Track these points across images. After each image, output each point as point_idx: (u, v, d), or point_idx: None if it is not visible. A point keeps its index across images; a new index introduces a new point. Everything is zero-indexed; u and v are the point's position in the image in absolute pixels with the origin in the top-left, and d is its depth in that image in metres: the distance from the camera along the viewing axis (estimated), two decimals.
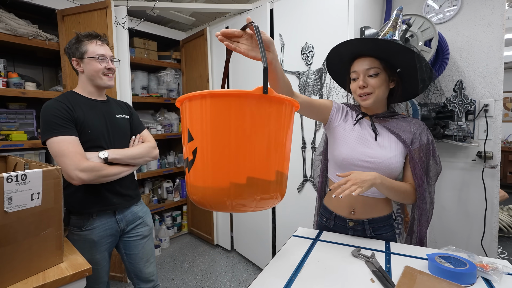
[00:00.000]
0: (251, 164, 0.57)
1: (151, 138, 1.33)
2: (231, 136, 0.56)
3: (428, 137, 0.97)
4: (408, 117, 1.03)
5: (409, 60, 0.93)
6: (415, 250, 0.89)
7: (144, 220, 1.30)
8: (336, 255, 0.87)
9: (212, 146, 0.57)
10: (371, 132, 1.00)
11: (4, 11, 1.82)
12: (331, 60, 1.08)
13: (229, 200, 0.58)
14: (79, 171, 1.02)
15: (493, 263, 0.74)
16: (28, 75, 2.10)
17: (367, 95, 0.96)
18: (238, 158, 0.57)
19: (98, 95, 1.22)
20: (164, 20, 2.66)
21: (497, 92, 1.44)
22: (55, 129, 1.05)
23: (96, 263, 1.17)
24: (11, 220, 0.80)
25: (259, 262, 2.24)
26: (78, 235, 1.14)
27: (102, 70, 1.15)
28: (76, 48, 1.14)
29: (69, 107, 1.09)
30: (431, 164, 0.98)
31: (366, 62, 0.96)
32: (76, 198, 1.13)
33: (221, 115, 0.56)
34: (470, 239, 1.53)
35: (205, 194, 0.59)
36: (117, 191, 1.19)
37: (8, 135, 1.87)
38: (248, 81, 2.18)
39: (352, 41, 0.95)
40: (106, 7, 1.87)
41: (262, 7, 2.01)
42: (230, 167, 0.57)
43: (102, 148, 1.14)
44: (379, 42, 0.92)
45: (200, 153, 0.58)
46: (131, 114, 1.33)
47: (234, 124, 0.56)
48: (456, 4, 1.53)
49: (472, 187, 1.52)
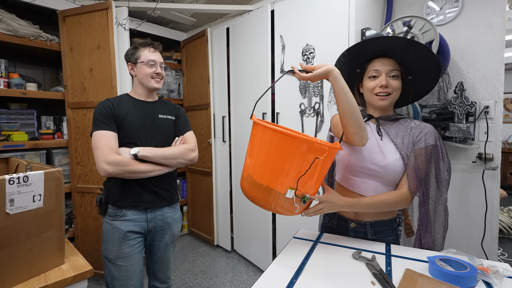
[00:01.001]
0: (294, 184, 0.82)
1: (193, 141, 1.32)
2: (291, 164, 0.81)
3: (437, 141, 0.94)
4: (416, 120, 1.01)
5: (430, 72, 0.95)
6: (416, 253, 0.89)
7: (170, 228, 1.30)
8: (337, 257, 0.87)
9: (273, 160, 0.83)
10: (376, 135, 1.00)
11: (6, 12, 1.82)
12: (352, 54, 1.04)
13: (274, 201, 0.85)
14: (106, 164, 1.08)
15: (494, 266, 0.74)
16: (29, 76, 2.10)
17: (386, 95, 0.96)
18: (289, 178, 0.82)
19: (147, 96, 1.29)
20: (165, 20, 2.66)
21: (497, 94, 1.44)
22: (97, 124, 1.15)
23: (124, 258, 1.18)
24: (13, 221, 0.80)
25: (259, 263, 2.24)
26: (110, 223, 1.20)
27: (151, 74, 1.23)
28: (132, 54, 1.24)
29: (113, 105, 1.19)
30: (442, 168, 0.94)
31: (390, 63, 0.96)
32: (114, 191, 1.20)
33: (287, 148, 0.80)
34: (470, 241, 1.53)
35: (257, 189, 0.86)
36: (149, 188, 1.21)
37: (9, 136, 1.87)
38: (248, 82, 2.19)
39: (387, 38, 0.95)
40: (107, 8, 1.87)
41: (263, 8, 2.01)
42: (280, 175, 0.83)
43: (137, 145, 1.17)
44: (414, 43, 0.92)
45: (263, 159, 0.86)
46: (178, 116, 1.35)
47: (296, 157, 0.80)
48: (457, 6, 1.53)
49: (472, 188, 1.52)
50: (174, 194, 1.32)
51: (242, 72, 2.26)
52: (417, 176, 0.92)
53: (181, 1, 2.35)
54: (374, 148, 0.98)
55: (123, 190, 1.19)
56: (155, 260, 1.33)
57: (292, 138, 0.78)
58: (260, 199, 0.87)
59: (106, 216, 1.22)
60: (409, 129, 0.98)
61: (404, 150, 0.95)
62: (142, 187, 1.20)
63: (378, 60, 0.97)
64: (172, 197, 1.30)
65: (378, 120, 1.02)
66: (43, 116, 2.13)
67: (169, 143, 1.28)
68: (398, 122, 1.01)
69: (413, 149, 0.95)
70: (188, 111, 2.82)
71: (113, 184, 1.20)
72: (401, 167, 0.95)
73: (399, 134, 0.97)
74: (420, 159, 0.94)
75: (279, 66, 1.93)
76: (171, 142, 1.29)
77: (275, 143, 0.81)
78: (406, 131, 0.97)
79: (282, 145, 0.80)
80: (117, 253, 1.17)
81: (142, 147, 1.17)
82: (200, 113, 2.65)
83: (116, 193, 1.19)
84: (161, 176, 1.22)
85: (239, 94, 2.31)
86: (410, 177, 0.93)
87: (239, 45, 2.26)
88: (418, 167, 0.93)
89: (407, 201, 0.94)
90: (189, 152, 1.26)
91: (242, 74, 2.26)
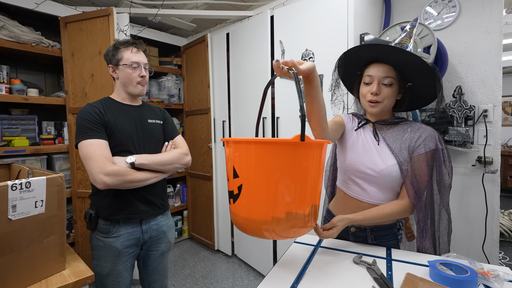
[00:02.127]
0: (290, 201, 0.67)
1: (184, 144, 1.29)
2: (272, 177, 0.66)
3: (438, 145, 0.92)
4: (416, 124, 0.98)
5: (426, 79, 0.92)
6: (417, 257, 0.89)
7: (166, 236, 1.26)
8: (337, 262, 0.88)
9: (255, 185, 0.67)
10: (373, 139, 0.99)
11: (8, 19, 1.84)
12: (349, 57, 1.02)
13: (268, 230, 0.68)
14: (104, 175, 1.00)
15: (495, 270, 0.74)
16: (31, 81, 2.12)
17: (376, 103, 0.95)
18: (277, 195, 0.66)
19: (132, 100, 1.22)
20: (165, 26, 2.69)
21: (496, 97, 1.45)
22: (85, 133, 1.05)
23: (117, 274, 1.14)
24: (15, 227, 0.80)
25: (260, 268, 2.24)
26: (103, 241, 1.12)
27: (136, 78, 1.15)
28: (113, 55, 1.15)
29: (100, 111, 1.10)
30: (444, 172, 0.92)
31: (384, 70, 0.93)
32: (104, 204, 1.12)
33: (263, 159, 0.66)
34: (471, 244, 1.53)
35: (248, 223, 0.70)
36: (145, 198, 1.16)
37: (10, 141, 1.88)
38: (248, 86, 2.20)
39: (379, 46, 0.92)
40: (108, 14, 1.90)
41: (262, 14, 2.04)
42: (271, 203, 0.66)
43: (130, 153, 1.11)
44: (408, 54, 0.88)
45: (245, 190, 0.68)
46: (165, 119, 1.30)
47: (275, 167, 0.65)
48: (454, 11, 1.55)
49: (472, 192, 1.52)
50: (166, 201, 1.29)
51: (242, 77, 2.27)
52: (414, 186, 0.91)
53: (182, 7, 2.37)
54: (370, 152, 0.98)
55: (115, 202, 1.11)
56: (151, 270, 1.27)
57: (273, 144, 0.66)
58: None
59: (96, 232, 1.14)
60: (407, 133, 0.96)
61: (401, 155, 0.93)
62: (137, 197, 1.14)
63: (373, 66, 0.96)
64: (165, 205, 1.27)
65: (374, 125, 1.01)
66: (44, 121, 2.14)
67: (159, 149, 1.23)
68: (397, 126, 0.99)
69: (412, 155, 0.93)
70: (188, 116, 2.83)
71: (103, 197, 1.11)
72: (398, 173, 0.93)
73: (397, 139, 0.96)
74: (419, 166, 0.91)
75: None
76: (161, 147, 1.24)
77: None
78: (404, 135, 0.96)
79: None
80: (110, 269, 1.13)
81: (137, 154, 1.11)
82: (201, 118, 2.66)
83: (107, 206, 1.11)
84: (154, 184, 1.16)
85: (239, 98, 2.32)
86: (409, 187, 0.91)
87: (239, 50, 2.28)
88: (418, 175, 0.91)
89: (410, 210, 0.94)
90: (184, 156, 1.23)
91: (242, 79, 2.28)
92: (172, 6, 2.32)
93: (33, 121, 2.07)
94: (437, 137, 0.93)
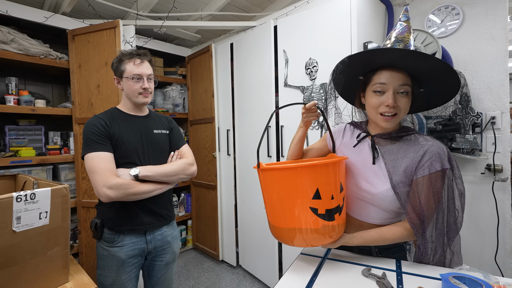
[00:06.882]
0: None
1: (190, 154, 1.27)
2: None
3: (444, 164, 0.80)
4: (422, 138, 0.85)
5: (443, 85, 0.83)
6: (428, 270, 0.86)
7: (171, 246, 1.26)
8: (346, 274, 0.85)
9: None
10: (370, 158, 0.89)
11: (18, 32, 1.89)
12: (354, 63, 0.88)
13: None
14: (107, 188, 1.00)
15: (510, 284, 0.71)
16: (39, 92, 2.15)
17: (392, 116, 0.82)
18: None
19: (138, 110, 1.22)
20: (170, 37, 2.73)
21: (503, 104, 1.43)
22: (90, 146, 1.06)
23: (121, 285, 1.13)
24: (19, 239, 0.80)
25: (265, 279, 2.19)
26: (107, 250, 1.12)
27: (138, 90, 1.15)
28: (117, 68, 1.17)
29: (106, 123, 1.10)
30: (455, 194, 0.81)
31: (400, 77, 0.80)
32: (109, 215, 1.12)
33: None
34: (483, 256, 1.49)
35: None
36: (149, 209, 1.15)
37: (17, 151, 1.90)
38: (252, 96, 2.21)
39: (400, 51, 0.78)
40: (115, 26, 1.93)
41: (266, 24, 2.06)
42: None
43: (135, 165, 1.11)
44: (432, 59, 0.77)
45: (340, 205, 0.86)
46: (171, 129, 1.29)
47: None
48: (458, 18, 1.55)
49: (482, 201, 1.49)
50: (172, 211, 1.28)
51: (246, 86, 2.28)
52: (417, 211, 0.81)
53: (186, 18, 2.41)
54: (367, 173, 0.90)
55: (120, 213, 1.11)
56: (155, 281, 1.26)
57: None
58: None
59: (102, 240, 1.14)
60: (410, 151, 0.84)
61: (398, 177, 0.83)
62: (141, 208, 1.13)
63: (386, 72, 0.82)
64: (170, 215, 1.26)
65: (373, 139, 0.90)
66: (50, 131, 2.17)
67: (165, 159, 1.23)
68: (401, 140, 0.88)
69: (415, 176, 0.82)
70: (193, 125, 2.84)
71: (108, 208, 1.12)
72: (394, 197, 0.85)
73: (398, 157, 0.85)
74: (422, 189, 0.81)
75: (282, 80, 1.95)
76: (167, 157, 1.24)
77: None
78: (407, 153, 0.84)
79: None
80: (114, 279, 1.12)
81: (142, 166, 1.11)
82: (205, 127, 2.67)
83: (112, 216, 1.12)
84: (159, 194, 1.15)
85: (243, 107, 2.33)
86: (411, 213, 0.82)
87: (243, 59, 2.30)
88: (421, 199, 0.80)
89: (411, 237, 0.87)
90: (189, 166, 1.22)
91: (246, 88, 2.29)
92: (177, 17, 2.36)
93: (40, 132, 2.09)
94: (444, 156, 0.81)
